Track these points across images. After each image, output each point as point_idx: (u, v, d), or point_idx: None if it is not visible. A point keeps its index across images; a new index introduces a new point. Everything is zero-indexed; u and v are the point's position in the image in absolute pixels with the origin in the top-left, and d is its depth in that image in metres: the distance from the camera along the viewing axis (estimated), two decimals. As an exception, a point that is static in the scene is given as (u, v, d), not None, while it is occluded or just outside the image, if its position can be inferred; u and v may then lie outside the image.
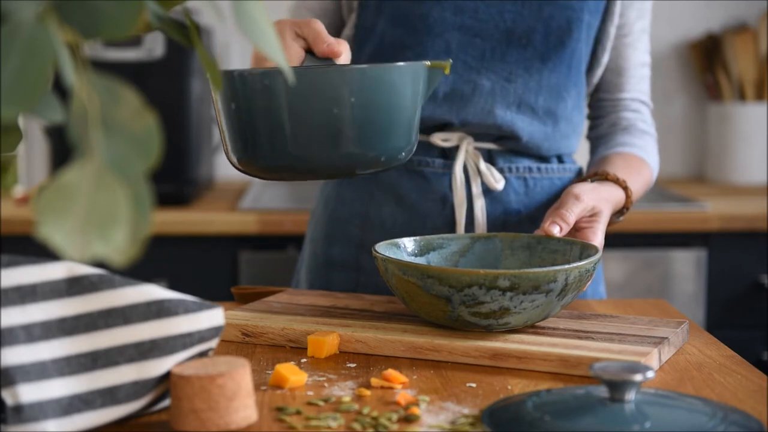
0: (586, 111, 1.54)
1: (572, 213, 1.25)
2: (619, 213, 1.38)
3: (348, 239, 1.47)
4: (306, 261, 1.54)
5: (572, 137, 1.48)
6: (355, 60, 1.46)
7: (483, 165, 1.43)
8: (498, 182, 1.42)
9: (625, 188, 1.36)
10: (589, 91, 1.52)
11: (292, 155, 1.07)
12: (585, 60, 1.46)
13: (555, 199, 1.45)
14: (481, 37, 1.41)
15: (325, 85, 1.05)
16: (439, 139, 1.43)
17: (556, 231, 1.23)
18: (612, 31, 1.46)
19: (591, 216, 1.29)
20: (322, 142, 1.07)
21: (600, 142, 1.52)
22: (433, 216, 1.43)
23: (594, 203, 1.28)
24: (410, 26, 1.41)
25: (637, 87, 1.52)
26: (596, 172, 1.38)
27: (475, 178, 1.43)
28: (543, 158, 1.47)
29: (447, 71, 1.14)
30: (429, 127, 1.44)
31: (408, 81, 1.09)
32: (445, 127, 1.44)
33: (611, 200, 1.33)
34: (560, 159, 1.49)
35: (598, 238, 1.27)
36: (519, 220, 1.43)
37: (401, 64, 1.09)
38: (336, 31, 1.50)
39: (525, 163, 1.46)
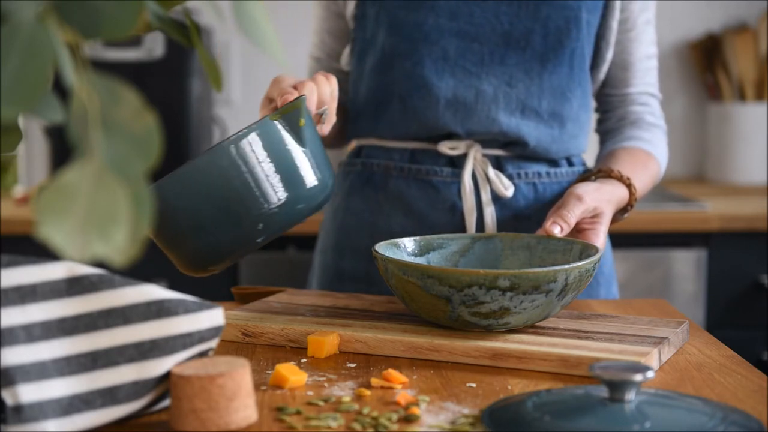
0: (593, 106, 1.53)
1: (573, 214, 1.25)
2: (623, 210, 1.38)
3: (357, 250, 1.47)
4: (316, 272, 1.54)
5: (580, 137, 1.47)
6: (356, 73, 1.48)
7: (492, 172, 1.42)
8: (507, 189, 1.42)
9: (629, 185, 1.36)
10: (595, 87, 1.51)
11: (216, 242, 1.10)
12: (588, 58, 1.45)
13: None
14: (479, 42, 1.40)
15: (188, 183, 1.08)
16: (446, 147, 1.43)
17: (557, 231, 1.23)
18: (614, 26, 1.45)
19: (593, 217, 1.28)
20: (235, 219, 1.09)
21: (608, 136, 1.52)
22: (443, 225, 1.42)
23: (596, 204, 1.28)
24: (406, 35, 1.41)
25: (644, 80, 1.51)
26: (600, 169, 1.38)
27: (484, 186, 1.42)
28: (552, 161, 1.46)
29: (302, 121, 1.12)
30: (435, 135, 1.43)
31: (257, 144, 1.09)
32: (451, 135, 1.43)
33: (614, 200, 1.33)
34: (570, 161, 1.48)
35: (600, 240, 1.27)
36: (529, 226, 1.42)
37: (233, 139, 1.08)
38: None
39: (534, 168, 1.45)
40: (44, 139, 2.67)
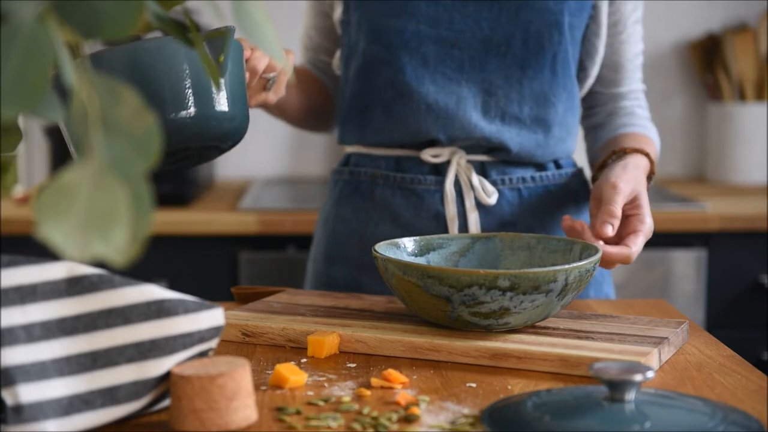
0: (580, 107, 1.53)
1: (617, 205, 1.25)
2: (648, 180, 1.39)
3: (347, 259, 1.47)
4: (310, 280, 1.54)
5: (568, 140, 1.47)
6: (343, 78, 1.50)
7: (475, 179, 1.41)
8: (490, 196, 1.41)
9: (647, 155, 1.37)
10: (589, 84, 1.50)
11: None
12: (574, 61, 1.45)
13: (550, 207, 1.45)
14: (458, 48, 1.40)
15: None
16: (429, 155, 1.43)
17: (608, 231, 1.22)
18: (604, 21, 1.45)
19: (633, 202, 1.29)
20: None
21: (598, 128, 1.52)
22: (428, 233, 1.42)
23: (632, 186, 1.29)
24: (387, 42, 1.41)
25: (633, 77, 1.52)
26: (614, 151, 1.38)
27: (468, 193, 1.42)
28: (538, 165, 1.47)
29: (221, 56, 1.13)
30: (420, 142, 1.43)
31: (170, 55, 1.10)
32: (435, 141, 1.43)
33: (642, 176, 1.33)
34: (557, 164, 1.48)
35: (647, 224, 1.27)
36: (515, 231, 1.42)
37: (152, 39, 1.10)
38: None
39: (519, 173, 1.45)
40: (44, 139, 2.67)
